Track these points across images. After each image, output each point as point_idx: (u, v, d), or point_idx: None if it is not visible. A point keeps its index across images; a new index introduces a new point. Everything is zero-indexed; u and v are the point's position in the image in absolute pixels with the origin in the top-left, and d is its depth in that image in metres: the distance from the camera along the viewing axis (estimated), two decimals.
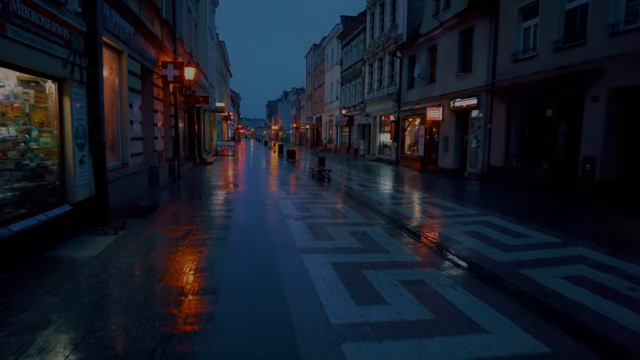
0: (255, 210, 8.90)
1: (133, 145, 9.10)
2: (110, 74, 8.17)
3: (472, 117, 15.42)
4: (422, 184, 14.69)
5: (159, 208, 8.76)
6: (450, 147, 17.06)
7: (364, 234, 6.87)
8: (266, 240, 6.35)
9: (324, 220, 7.87)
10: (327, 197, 10.91)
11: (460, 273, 5.13)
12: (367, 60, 28.83)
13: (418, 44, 20.20)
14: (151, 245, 5.88)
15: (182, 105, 16.67)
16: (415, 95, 20.73)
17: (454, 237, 6.88)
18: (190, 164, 17.62)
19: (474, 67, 15.21)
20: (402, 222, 8.01)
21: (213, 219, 7.86)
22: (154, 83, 11.23)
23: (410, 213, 9.05)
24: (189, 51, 17.12)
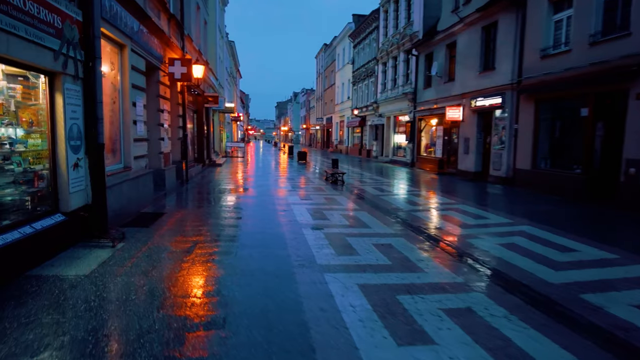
0: (268, 218, 8.18)
1: (136, 146, 8.45)
2: (111, 69, 7.53)
3: (495, 117, 14.54)
4: (442, 187, 13.85)
5: (164, 215, 8.09)
6: (471, 149, 16.18)
7: (390, 248, 6.11)
8: (282, 255, 5.62)
9: (344, 230, 7.13)
10: (344, 203, 10.17)
11: (510, 298, 4.34)
12: (380, 59, 28.02)
13: (435, 41, 19.37)
14: (152, 261, 5.18)
15: (191, 105, 16.06)
16: (432, 95, 19.88)
17: (492, 251, 6.09)
18: (199, 166, 17.01)
19: (498, 64, 14.34)
20: (430, 232, 7.23)
21: (222, 228, 7.16)
22: (160, 81, 10.60)
23: (437, 221, 8.26)
24: (198, 49, 16.51)
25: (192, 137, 16.80)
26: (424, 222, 8.17)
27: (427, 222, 8.12)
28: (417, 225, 7.77)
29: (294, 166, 22.59)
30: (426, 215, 8.86)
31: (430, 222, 8.19)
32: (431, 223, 8.08)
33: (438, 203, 10.56)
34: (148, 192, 9.16)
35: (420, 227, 7.61)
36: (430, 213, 9.19)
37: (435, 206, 10.11)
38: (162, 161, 10.72)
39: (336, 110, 44.67)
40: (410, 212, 9.12)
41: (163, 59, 10.75)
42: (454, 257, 5.82)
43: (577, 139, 11.18)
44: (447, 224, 8.01)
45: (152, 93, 10.29)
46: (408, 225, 7.76)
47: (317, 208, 9.27)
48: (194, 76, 13.04)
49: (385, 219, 8.27)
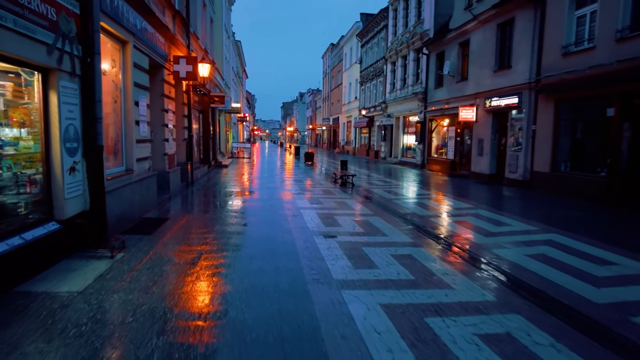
0: (277, 224, 7.72)
1: (139, 148, 8.04)
2: (113, 66, 7.12)
3: (511, 118, 14.00)
4: (456, 190, 13.33)
5: (168, 221, 7.66)
6: (486, 151, 15.64)
7: (411, 259, 5.63)
8: (294, 267, 5.16)
9: (358, 239, 6.65)
10: (355, 207, 9.69)
11: (553, 322, 3.85)
12: (389, 58, 27.50)
13: (447, 40, 18.83)
14: (153, 274, 4.74)
15: (197, 105, 15.67)
16: (443, 95, 19.35)
17: (521, 262, 5.59)
18: (204, 168, 16.62)
19: (515, 62, 13.79)
20: (450, 241, 6.73)
21: (228, 235, 6.71)
22: (165, 80, 10.19)
23: (455, 228, 7.75)
24: (204, 48, 16.12)
25: (198, 137, 16.41)
26: (442, 228, 7.68)
27: (445, 229, 7.62)
28: (435, 233, 7.29)
29: (300, 167, 22.15)
30: (443, 221, 8.36)
31: (448, 228, 7.69)
32: (450, 230, 7.58)
33: (454, 207, 10.05)
34: (152, 196, 8.74)
35: (439, 235, 7.12)
36: (447, 219, 8.68)
37: (452, 211, 9.60)
38: (166, 163, 10.32)
39: (343, 111, 44.19)
40: (426, 218, 8.62)
41: (168, 56, 10.35)
42: (480, 269, 5.33)
43: (601, 141, 10.63)
44: (467, 231, 7.51)
45: (156, 92, 9.89)
46: (426, 233, 7.27)
47: (328, 213, 8.81)
48: (200, 75, 12.63)
49: (401, 226, 7.79)
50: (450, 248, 6.35)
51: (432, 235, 7.10)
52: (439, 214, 9.16)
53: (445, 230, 7.58)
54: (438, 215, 9.08)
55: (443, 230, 7.57)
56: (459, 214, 9.25)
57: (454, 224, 8.15)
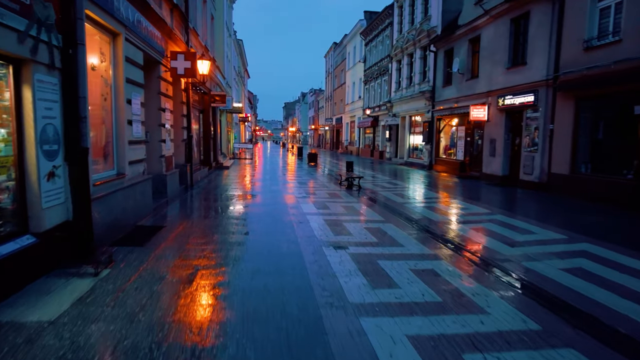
0: (282, 232, 7.09)
1: (132, 150, 7.42)
2: (102, 61, 6.50)
3: (526, 117, 13.32)
4: (469, 193, 12.67)
5: (163, 229, 7.04)
6: (498, 151, 14.97)
7: (433, 275, 4.99)
8: (303, 286, 4.52)
9: (372, 250, 6.01)
10: (365, 212, 9.06)
11: (617, 359, 3.21)
12: (394, 56, 26.85)
13: (456, 36, 18.17)
14: (141, 296, 4.12)
15: (196, 104, 15.06)
16: (452, 93, 18.68)
17: (558, 279, 4.94)
18: (205, 169, 16.01)
19: (530, 58, 13.12)
20: (474, 252, 6.09)
21: (229, 246, 6.09)
22: (162, 77, 9.58)
23: (476, 236, 7.09)
24: (204, 45, 15.51)
25: (198, 138, 15.80)
26: (463, 237, 7.02)
27: (466, 238, 6.97)
28: (455, 242, 6.64)
29: (304, 169, 21.53)
30: (462, 229, 7.70)
31: (468, 237, 7.03)
32: (470, 239, 6.92)
33: (470, 212, 9.38)
34: (146, 201, 8.13)
35: (459, 245, 6.47)
36: (465, 225, 8.02)
37: (468, 216, 8.94)
38: (163, 165, 9.70)
39: (346, 111, 43.54)
40: (442, 225, 7.97)
41: (165, 52, 9.74)
42: (513, 287, 4.68)
43: (627, 141, 9.95)
44: (488, 239, 6.85)
45: (152, 90, 9.28)
46: (444, 242, 6.62)
47: (336, 219, 8.18)
48: (200, 72, 12.02)
49: (416, 234, 7.14)
50: (475, 260, 5.70)
51: (452, 245, 6.45)
52: (456, 220, 8.50)
53: (465, 239, 6.92)
54: (455, 221, 8.42)
55: (463, 239, 6.92)
56: (477, 219, 8.59)
57: (473, 231, 7.49)
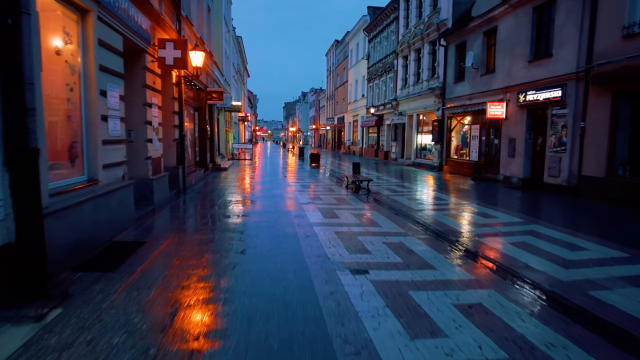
0: (286, 251, 5.91)
1: (108, 151, 6.25)
2: (67, 42, 5.33)
3: (552, 114, 12.15)
4: (491, 198, 11.50)
5: (144, 245, 5.87)
6: (519, 151, 13.79)
7: (486, 315, 3.83)
8: (317, 335, 3.35)
9: (399, 275, 4.84)
10: (380, 222, 7.88)
11: None
12: (400, 52, 25.67)
13: (470, 29, 16.99)
14: (95, 356, 2.94)
15: (191, 101, 13.89)
16: (465, 90, 17.51)
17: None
18: (201, 171, 14.83)
19: (556, 50, 11.94)
20: (524, 277, 4.89)
21: (221, 271, 4.91)
22: (148, 67, 8.41)
23: (519, 254, 5.88)
24: (200, 37, 14.33)
25: (193, 138, 14.63)
26: (504, 256, 5.83)
27: (508, 257, 5.77)
28: (497, 262, 5.46)
29: (306, 170, 20.35)
30: (498, 244, 6.51)
31: (512, 256, 5.84)
32: (515, 258, 5.72)
33: (502, 222, 8.20)
34: (127, 211, 6.95)
35: (504, 267, 5.29)
36: (502, 240, 6.82)
37: (501, 228, 7.75)
38: (149, 168, 8.53)
39: (349, 110, 42.37)
40: (474, 239, 6.79)
41: (151, 40, 8.56)
42: (591, 331, 3.50)
43: None
44: (534, 258, 5.66)
45: (136, 82, 8.12)
46: (486, 262, 5.45)
47: (348, 231, 7.01)
48: (193, 65, 10.86)
49: (448, 252, 5.97)
50: (530, 290, 4.52)
51: (494, 267, 5.28)
52: (488, 233, 7.31)
53: (507, 258, 5.73)
54: (487, 234, 7.22)
55: (504, 258, 5.73)
56: (511, 231, 7.41)
57: (513, 247, 6.29)
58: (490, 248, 6.25)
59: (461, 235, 7.02)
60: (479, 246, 6.35)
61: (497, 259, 5.67)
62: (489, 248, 6.25)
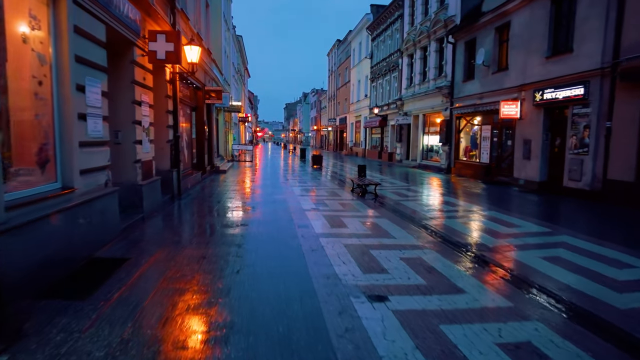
0: (290, 270, 5.13)
1: (87, 154, 5.49)
2: (34, 28, 4.57)
3: (573, 113, 11.36)
4: (509, 204, 10.72)
5: (126, 263, 5.10)
6: (535, 153, 13.00)
7: (539, 358, 3.04)
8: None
9: (427, 303, 4.07)
10: (393, 231, 7.09)
11: None
12: (405, 50, 24.90)
13: (480, 25, 16.21)
14: None
15: (187, 100, 13.14)
16: (475, 88, 16.72)
17: None
18: (198, 174, 14.06)
19: (578, 44, 11.16)
20: (575, 304, 4.10)
21: (214, 298, 4.14)
22: (136, 62, 7.65)
23: (560, 274, 5.09)
24: (197, 33, 13.58)
25: (190, 139, 13.87)
26: (539, 274, 5.02)
27: (545, 277, 4.97)
28: (538, 285, 4.66)
29: (308, 172, 19.57)
30: (532, 260, 5.69)
31: (550, 275, 5.03)
32: (553, 278, 4.92)
33: (528, 232, 7.38)
34: (110, 222, 6.18)
35: (549, 292, 4.48)
36: (532, 254, 6.01)
37: (529, 238, 6.93)
38: (139, 172, 7.76)
39: (351, 110, 41.59)
40: (504, 254, 5.99)
41: (141, 32, 7.80)
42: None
43: None
44: (579, 279, 4.88)
45: (123, 77, 7.37)
46: (522, 284, 4.66)
47: (359, 244, 6.23)
48: (188, 60, 10.10)
49: (475, 269, 5.19)
50: (584, 322, 3.73)
51: (535, 291, 4.49)
52: (515, 245, 6.50)
53: (545, 278, 4.93)
54: (513, 246, 6.43)
55: (542, 279, 4.92)
56: (540, 243, 6.61)
57: (548, 264, 5.50)
58: (522, 264, 5.46)
59: (485, 248, 6.24)
60: (508, 262, 5.56)
61: (533, 279, 4.87)
62: (520, 265, 5.46)
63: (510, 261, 5.61)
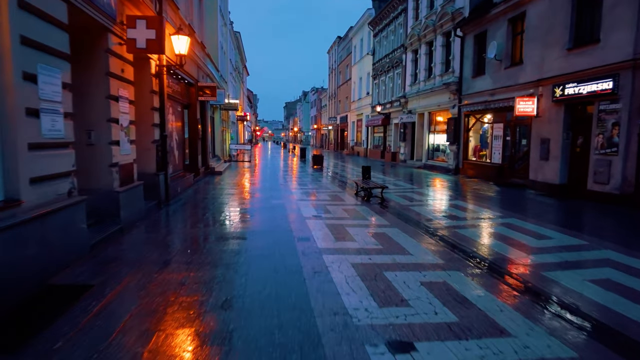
0: (288, 304, 4.15)
1: (41, 159, 4.51)
2: None
3: (599, 110, 10.38)
4: (531, 210, 9.76)
5: (88, 293, 4.13)
6: (554, 154, 12.02)
7: None
8: None
9: (464, 354, 3.10)
10: (409, 246, 6.11)
11: None
12: (409, 46, 23.90)
13: (492, 16, 15.22)
14: None
15: (179, 97, 12.17)
16: (486, 84, 15.73)
17: None
18: (191, 176, 13.08)
19: (606, 34, 10.17)
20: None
21: (188, 348, 3.17)
22: (112, 50, 6.67)
23: (619, 304, 4.11)
24: (189, 24, 12.59)
25: (181, 139, 12.89)
26: (599, 307, 4.05)
27: (605, 310, 4.00)
28: (593, 319, 3.69)
29: (309, 173, 18.59)
30: (579, 283, 4.71)
31: (611, 307, 4.06)
32: (616, 311, 3.95)
33: (561, 246, 6.40)
34: (75, 238, 5.21)
35: (619, 336, 3.52)
36: (578, 275, 5.04)
37: (565, 254, 5.94)
38: (116, 178, 6.79)
39: (352, 108, 40.58)
40: (542, 275, 5.01)
41: (118, 17, 6.82)
42: None
43: None
44: (635, 308, 3.92)
45: (95, 68, 6.40)
46: (581, 323, 3.68)
47: (371, 264, 5.27)
48: (176, 52, 9.13)
49: (516, 299, 4.22)
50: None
51: (601, 332, 3.52)
52: (555, 264, 5.50)
53: (605, 312, 3.95)
54: (555, 265, 5.42)
55: (601, 312, 3.95)
56: (581, 261, 5.64)
57: (600, 289, 4.51)
58: (569, 291, 4.47)
59: (520, 268, 5.27)
60: (553, 287, 4.58)
61: (592, 313, 3.89)
62: (567, 291, 4.46)
63: (554, 286, 4.63)
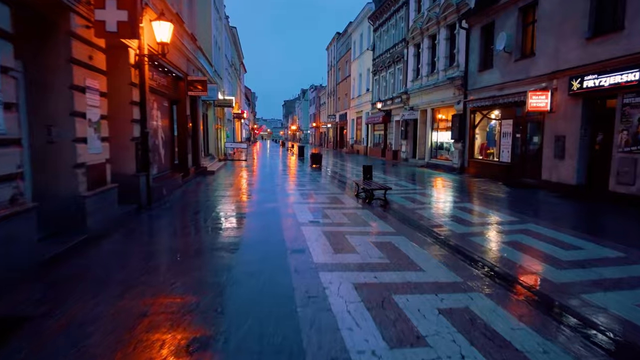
0: (275, 344, 3.29)
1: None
2: None
3: (623, 103, 9.50)
4: (550, 214, 8.90)
5: (17, 335, 3.25)
6: (570, 152, 11.14)
7: None
8: None
9: None
10: (420, 261, 5.23)
11: None
12: (411, 40, 22.99)
13: (500, 6, 14.33)
14: None
15: (165, 91, 11.28)
16: (494, 78, 14.84)
17: None
18: (179, 177, 12.18)
19: (631, 20, 9.30)
20: None
21: None
22: (76, 33, 5.77)
23: None
24: (176, 13, 11.68)
25: (169, 136, 12.00)
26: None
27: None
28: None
29: (307, 173, 17.70)
30: (627, 310, 3.87)
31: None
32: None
33: (598, 259, 5.52)
34: (19, 255, 4.32)
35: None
36: (630, 300, 4.18)
37: (607, 271, 5.07)
38: (81, 180, 5.90)
39: (352, 106, 39.67)
40: (586, 300, 4.13)
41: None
42: None
43: None
44: None
45: (54, 54, 5.51)
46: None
47: (377, 284, 4.40)
48: (158, 40, 8.22)
49: (562, 334, 3.35)
50: None
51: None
52: (595, 282, 4.63)
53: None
54: (594, 284, 4.56)
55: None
56: (623, 279, 4.77)
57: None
58: (623, 321, 3.61)
59: (555, 289, 4.38)
60: (599, 316, 3.71)
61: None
62: (620, 321, 3.60)
63: (601, 314, 3.75)
